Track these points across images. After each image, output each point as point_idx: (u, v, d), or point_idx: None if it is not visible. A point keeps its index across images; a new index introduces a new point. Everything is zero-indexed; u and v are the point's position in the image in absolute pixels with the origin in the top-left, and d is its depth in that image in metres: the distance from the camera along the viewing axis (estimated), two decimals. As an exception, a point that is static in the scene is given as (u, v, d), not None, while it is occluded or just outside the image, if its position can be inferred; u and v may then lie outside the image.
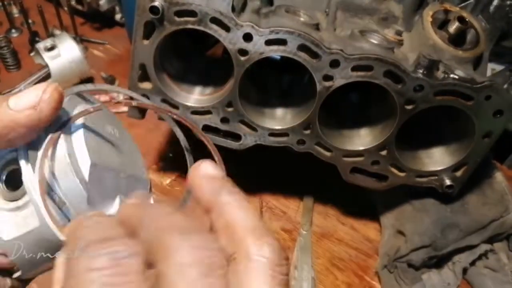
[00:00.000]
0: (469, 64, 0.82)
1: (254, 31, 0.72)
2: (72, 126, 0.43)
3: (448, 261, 0.93)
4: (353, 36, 0.79)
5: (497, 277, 0.92)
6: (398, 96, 0.76)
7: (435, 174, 0.87)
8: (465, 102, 0.77)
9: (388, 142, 0.83)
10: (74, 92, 0.47)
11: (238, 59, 0.75)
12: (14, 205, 0.42)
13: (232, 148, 0.88)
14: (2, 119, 0.39)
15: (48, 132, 0.41)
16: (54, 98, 0.40)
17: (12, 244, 0.40)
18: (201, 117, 0.84)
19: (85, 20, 1.56)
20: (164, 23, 0.73)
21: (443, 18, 0.84)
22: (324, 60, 0.74)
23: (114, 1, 1.43)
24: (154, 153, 1.14)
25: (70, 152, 0.41)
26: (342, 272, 0.94)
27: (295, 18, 0.78)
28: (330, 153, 0.86)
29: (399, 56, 0.79)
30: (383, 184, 0.90)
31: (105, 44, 1.48)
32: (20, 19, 1.50)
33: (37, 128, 0.40)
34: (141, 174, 0.55)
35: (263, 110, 0.89)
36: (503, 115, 0.78)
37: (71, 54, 1.22)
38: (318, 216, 1.04)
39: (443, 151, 0.89)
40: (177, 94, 0.84)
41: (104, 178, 0.44)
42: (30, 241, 0.40)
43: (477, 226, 0.91)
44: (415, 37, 0.84)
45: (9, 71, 1.35)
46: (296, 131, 0.84)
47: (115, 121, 0.56)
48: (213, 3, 0.71)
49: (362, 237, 1.01)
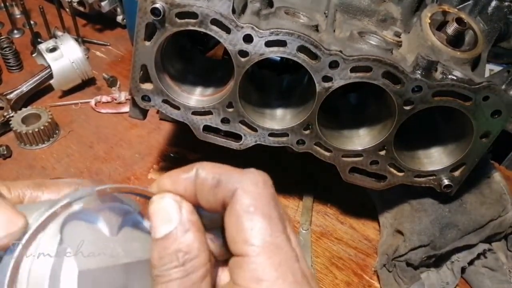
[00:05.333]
0: (467, 65, 0.83)
1: (254, 32, 0.73)
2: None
3: (447, 260, 0.93)
4: (352, 38, 0.80)
5: (495, 276, 0.92)
6: (396, 96, 0.77)
7: (433, 174, 0.88)
8: (463, 102, 0.77)
9: (386, 142, 0.84)
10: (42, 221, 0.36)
11: (238, 60, 0.76)
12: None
13: (232, 148, 0.89)
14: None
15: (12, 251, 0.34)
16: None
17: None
18: (202, 118, 0.85)
19: (87, 22, 1.57)
20: (165, 24, 0.74)
21: (441, 19, 0.85)
22: (323, 61, 0.75)
23: (116, 3, 1.45)
24: (155, 153, 1.15)
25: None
26: (341, 271, 0.95)
27: (294, 19, 0.79)
28: (329, 153, 0.87)
29: (398, 57, 0.79)
30: (382, 184, 0.90)
31: (106, 45, 1.49)
32: (22, 20, 1.51)
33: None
34: None
35: (263, 111, 0.89)
36: (501, 115, 0.78)
37: (73, 55, 1.23)
38: (317, 215, 1.05)
39: (442, 151, 0.89)
40: (178, 95, 0.85)
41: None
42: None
43: (475, 226, 0.92)
44: (413, 38, 0.84)
45: (11, 72, 1.36)
46: (296, 131, 0.84)
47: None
48: (214, 5, 0.72)
49: (361, 237, 1.02)
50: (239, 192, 0.37)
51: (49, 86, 1.25)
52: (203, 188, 0.39)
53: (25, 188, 0.42)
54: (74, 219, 0.38)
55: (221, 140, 0.88)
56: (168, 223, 0.38)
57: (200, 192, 0.39)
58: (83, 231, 0.38)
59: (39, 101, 1.27)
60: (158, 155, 1.14)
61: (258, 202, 0.37)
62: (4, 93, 1.21)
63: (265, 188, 0.38)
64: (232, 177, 0.38)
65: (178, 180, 0.40)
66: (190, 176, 0.39)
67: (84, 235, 0.38)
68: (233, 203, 0.37)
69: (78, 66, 1.24)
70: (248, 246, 0.36)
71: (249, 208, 0.37)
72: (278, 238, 0.36)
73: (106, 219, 0.40)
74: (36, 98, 1.27)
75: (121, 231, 0.41)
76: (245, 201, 0.37)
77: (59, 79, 1.23)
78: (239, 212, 0.37)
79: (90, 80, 1.32)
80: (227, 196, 0.38)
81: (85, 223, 0.39)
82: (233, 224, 0.37)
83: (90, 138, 1.18)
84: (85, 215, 0.39)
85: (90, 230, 0.39)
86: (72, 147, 1.16)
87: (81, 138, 1.18)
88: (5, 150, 1.10)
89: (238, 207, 0.37)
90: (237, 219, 0.37)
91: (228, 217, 0.38)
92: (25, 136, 1.12)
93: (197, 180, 0.39)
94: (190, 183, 0.39)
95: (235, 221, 0.37)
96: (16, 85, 1.23)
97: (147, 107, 0.86)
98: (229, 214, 0.38)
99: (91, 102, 1.26)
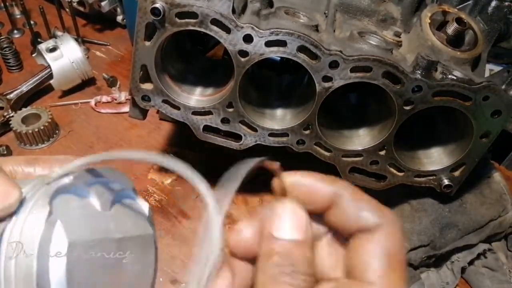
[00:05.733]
0: (467, 65, 0.83)
1: (254, 32, 0.73)
2: None
3: (447, 260, 0.93)
4: (352, 38, 0.80)
5: (495, 276, 0.92)
6: (396, 96, 0.77)
7: (433, 174, 0.88)
8: (463, 102, 0.77)
9: (386, 142, 0.84)
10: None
11: (238, 60, 0.76)
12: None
13: (233, 148, 0.89)
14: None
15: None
16: None
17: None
18: (202, 118, 0.85)
19: (87, 22, 1.57)
20: (165, 24, 0.74)
21: (441, 19, 0.85)
22: (323, 61, 0.75)
23: (116, 3, 1.44)
24: (155, 153, 1.14)
25: None
26: (341, 271, 0.95)
27: (294, 19, 0.79)
28: (329, 153, 0.87)
29: (398, 57, 0.79)
30: (382, 184, 0.90)
31: (106, 45, 1.49)
32: (22, 20, 1.51)
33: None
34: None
35: (263, 111, 0.89)
36: (501, 115, 0.78)
37: (73, 55, 1.23)
38: (317, 215, 1.04)
39: (442, 151, 0.89)
40: (178, 95, 0.85)
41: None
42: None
43: (475, 226, 0.92)
44: (413, 38, 0.84)
45: (11, 72, 1.36)
46: (296, 131, 0.84)
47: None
48: (214, 5, 0.72)
49: (361, 237, 1.01)
50: (380, 232, 0.37)
51: (49, 86, 1.25)
52: (339, 212, 0.39)
53: (17, 165, 0.42)
54: (64, 192, 0.38)
55: (221, 140, 0.88)
56: (295, 231, 0.38)
57: (336, 214, 0.39)
58: (73, 205, 0.38)
59: (39, 101, 1.27)
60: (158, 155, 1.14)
61: (394, 250, 0.37)
62: (4, 93, 1.21)
63: (401, 240, 0.38)
64: (373, 211, 0.38)
65: (314, 192, 0.40)
66: (327, 193, 0.39)
67: (74, 209, 0.38)
68: (371, 241, 0.37)
69: (78, 66, 1.24)
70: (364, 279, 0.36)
71: (385, 252, 0.36)
72: None
73: (98, 194, 0.39)
74: (36, 98, 1.27)
75: (113, 206, 0.41)
76: (384, 244, 0.37)
77: (59, 79, 1.23)
78: (374, 252, 0.37)
79: (90, 80, 1.32)
80: (363, 227, 0.38)
81: (75, 197, 0.38)
82: (362, 253, 0.37)
83: (90, 138, 1.18)
84: (76, 189, 0.38)
85: (80, 203, 0.38)
86: (72, 147, 1.16)
87: (81, 138, 1.18)
88: (5, 150, 1.10)
89: (376, 247, 0.37)
90: (369, 256, 0.37)
91: (359, 245, 0.38)
92: (25, 136, 1.12)
93: (336, 200, 0.39)
94: (325, 201, 0.39)
95: (364, 253, 0.37)
96: (16, 85, 1.23)
97: (147, 107, 0.86)
98: (360, 244, 0.38)
99: (91, 102, 1.26)
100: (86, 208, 0.39)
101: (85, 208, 0.38)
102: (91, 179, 0.40)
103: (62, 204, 0.37)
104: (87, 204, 0.39)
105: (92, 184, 0.40)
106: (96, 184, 0.40)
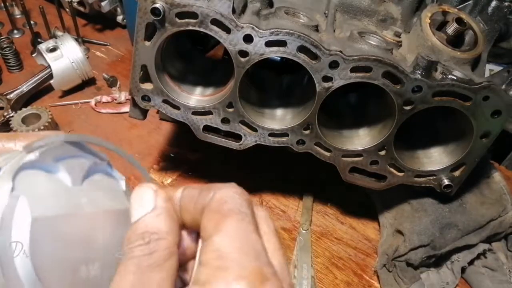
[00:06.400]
0: (467, 65, 0.83)
1: (254, 32, 0.73)
2: None
3: (447, 260, 0.93)
4: (352, 38, 0.80)
5: (495, 276, 0.92)
6: (396, 96, 0.77)
7: (433, 174, 0.88)
8: (463, 102, 0.77)
9: (386, 142, 0.84)
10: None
11: (238, 60, 0.76)
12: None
13: (232, 148, 0.89)
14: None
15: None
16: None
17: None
18: (202, 118, 0.85)
19: (87, 22, 1.57)
20: (165, 24, 0.74)
21: (441, 19, 0.85)
22: (323, 61, 0.75)
23: (116, 3, 1.45)
24: (155, 153, 1.15)
25: None
26: (341, 271, 0.95)
27: (294, 19, 0.79)
28: (329, 153, 0.87)
29: (398, 57, 0.79)
30: (382, 183, 0.90)
31: (106, 45, 1.49)
32: (22, 20, 1.51)
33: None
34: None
35: (263, 111, 0.89)
36: (501, 115, 0.79)
37: (73, 55, 1.23)
38: (317, 215, 1.05)
39: (442, 151, 0.90)
40: (178, 95, 0.85)
41: None
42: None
43: (475, 226, 0.92)
44: (413, 38, 0.84)
45: (12, 72, 1.36)
46: (296, 131, 0.84)
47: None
48: (214, 5, 0.72)
49: (361, 236, 1.02)
50: (217, 193, 0.38)
51: (49, 86, 1.25)
52: (185, 200, 0.40)
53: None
54: (30, 168, 0.37)
55: (221, 140, 0.88)
56: (143, 208, 0.39)
57: (184, 206, 0.40)
58: (39, 180, 0.37)
59: (39, 101, 1.27)
60: (158, 155, 1.14)
61: (233, 200, 0.38)
62: (4, 93, 1.21)
63: (243, 194, 0.39)
64: (212, 186, 0.39)
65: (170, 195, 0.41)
66: (177, 193, 0.41)
67: (40, 183, 0.37)
68: (210, 201, 0.38)
69: (78, 66, 1.24)
70: (215, 231, 0.36)
71: (223, 203, 0.38)
72: (248, 230, 0.37)
73: (69, 168, 0.39)
74: (36, 98, 1.27)
75: (86, 180, 0.41)
76: (221, 197, 0.38)
77: (59, 79, 1.23)
78: (213, 205, 0.38)
79: (90, 80, 1.32)
80: (206, 201, 0.39)
81: (42, 172, 0.38)
82: (205, 215, 0.38)
83: (90, 138, 1.18)
84: (43, 164, 0.38)
85: (47, 178, 0.38)
86: (72, 147, 1.15)
87: (81, 138, 1.18)
88: (5, 150, 1.10)
89: (213, 203, 0.38)
90: (209, 211, 0.38)
91: (204, 213, 0.39)
92: (25, 136, 1.12)
93: (183, 193, 0.40)
94: (177, 199, 0.41)
95: (207, 213, 0.38)
96: (16, 85, 1.23)
97: (147, 107, 0.86)
98: (204, 211, 0.39)
99: (91, 102, 1.26)
100: (54, 183, 0.38)
101: (53, 183, 0.38)
102: (62, 155, 0.39)
103: (28, 179, 0.36)
104: (55, 179, 0.38)
105: (62, 159, 0.39)
106: (67, 159, 0.40)
